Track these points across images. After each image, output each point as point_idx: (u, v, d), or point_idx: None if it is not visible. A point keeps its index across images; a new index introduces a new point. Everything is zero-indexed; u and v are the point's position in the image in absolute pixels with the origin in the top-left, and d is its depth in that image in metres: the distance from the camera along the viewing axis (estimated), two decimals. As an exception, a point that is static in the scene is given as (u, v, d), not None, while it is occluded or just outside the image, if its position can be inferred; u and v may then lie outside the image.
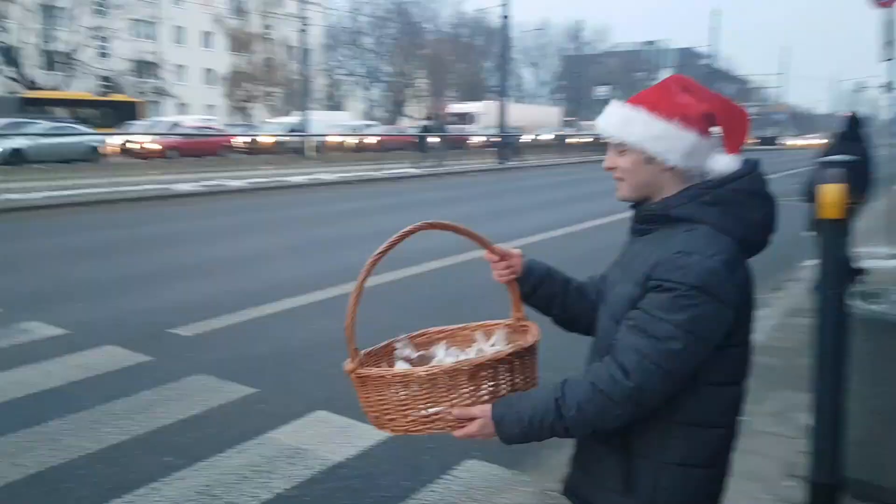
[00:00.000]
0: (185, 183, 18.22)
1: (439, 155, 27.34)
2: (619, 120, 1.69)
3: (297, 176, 21.31)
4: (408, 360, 1.84)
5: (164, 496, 3.60)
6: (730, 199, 1.61)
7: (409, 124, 59.88)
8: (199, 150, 24.90)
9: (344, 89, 67.64)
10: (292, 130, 32.32)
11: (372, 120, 56.15)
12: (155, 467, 3.88)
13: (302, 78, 33.91)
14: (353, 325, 1.69)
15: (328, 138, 32.58)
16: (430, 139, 27.40)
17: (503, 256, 1.88)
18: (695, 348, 1.53)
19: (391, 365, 1.84)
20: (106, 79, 45.53)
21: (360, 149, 32.01)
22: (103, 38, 44.12)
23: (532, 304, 1.93)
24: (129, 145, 26.64)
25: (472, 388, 1.63)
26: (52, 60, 40.60)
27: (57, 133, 23.62)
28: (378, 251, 1.68)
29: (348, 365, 1.71)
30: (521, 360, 1.70)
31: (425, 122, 27.89)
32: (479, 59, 69.30)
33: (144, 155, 24.82)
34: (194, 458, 3.98)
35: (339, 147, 32.00)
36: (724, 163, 1.64)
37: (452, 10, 72.00)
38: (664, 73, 33.41)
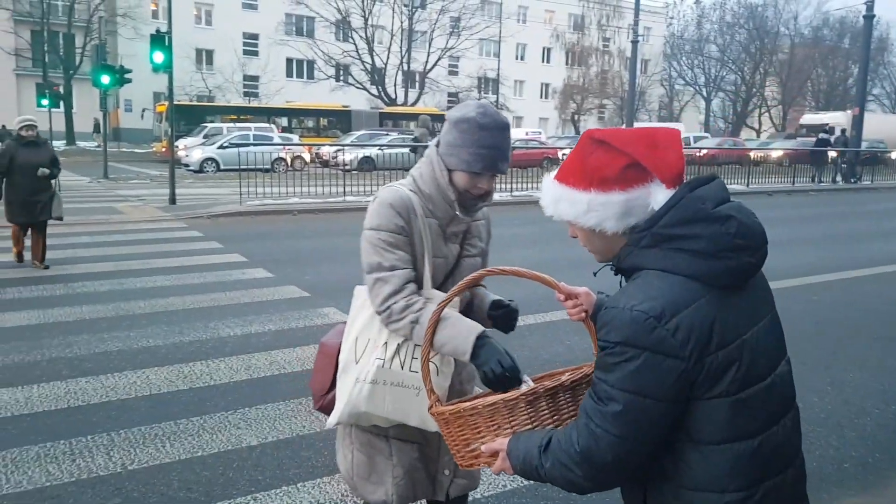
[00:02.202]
0: (499, 193, 19.23)
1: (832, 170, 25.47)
2: (550, 199, 1.60)
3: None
4: None
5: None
6: (666, 235, 1.44)
7: (745, 136, 56.05)
8: (524, 161, 26.06)
9: (683, 99, 65.58)
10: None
11: (706, 132, 53.74)
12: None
13: (634, 89, 33.65)
14: (428, 366, 1.91)
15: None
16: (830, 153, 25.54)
17: (569, 296, 1.88)
18: (639, 406, 1.40)
19: None
20: (453, 94, 49.89)
21: (689, 162, 30.75)
22: (454, 58, 48.34)
23: None
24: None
25: (493, 426, 1.69)
26: (410, 79, 45.60)
27: (401, 144, 26.49)
28: (444, 300, 1.91)
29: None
30: (554, 399, 1.68)
31: (823, 135, 26.02)
32: (845, 64, 62.12)
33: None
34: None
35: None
36: (658, 199, 1.46)
37: (813, 10, 65.67)
38: None
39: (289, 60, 49.94)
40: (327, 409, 2.35)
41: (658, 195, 1.47)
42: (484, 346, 2.01)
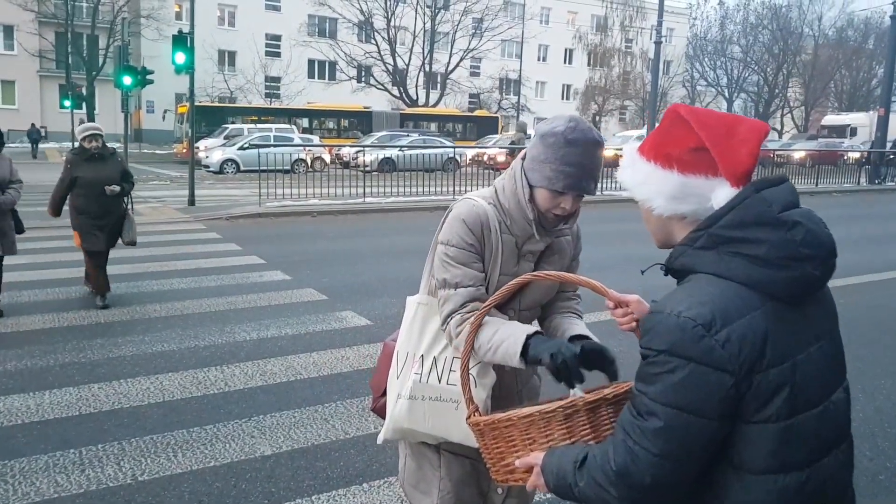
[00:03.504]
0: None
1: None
2: (623, 164, 1.52)
3: (623, 191, 21.01)
4: None
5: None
6: (725, 237, 1.31)
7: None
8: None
9: (705, 101, 64.93)
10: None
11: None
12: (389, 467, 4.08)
13: (657, 90, 33.30)
14: (467, 374, 1.80)
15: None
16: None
17: (619, 303, 1.75)
18: (682, 423, 1.26)
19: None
20: (474, 96, 49.73)
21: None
22: (475, 59, 48.17)
23: None
24: (479, 157, 28.66)
25: (528, 440, 1.59)
26: (431, 80, 45.50)
27: (421, 145, 26.42)
28: (484, 305, 1.83)
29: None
30: (594, 413, 1.55)
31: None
32: (869, 65, 61.23)
33: (494, 166, 26.54)
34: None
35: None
36: (719, 197, 1.34)
37: (838, 11, 64.66)
38: None
39: (311, 61, 50.06)
40: (380, 412, 2.31)
41: (720, 192, 1.35)
42: (536, 342, 1.89)
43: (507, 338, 1.92)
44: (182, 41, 15.35)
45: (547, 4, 58.87)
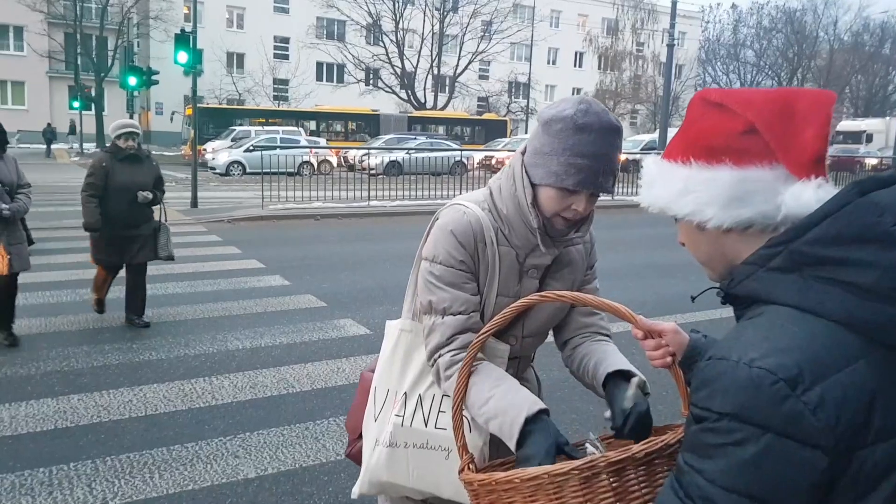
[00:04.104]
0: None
1: None
2: (647, 181, 1.16)
3: (634, 196, 20.74)
4: None
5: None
6: (814, 256, 0.94)
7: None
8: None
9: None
10: (646, 148, 31.60)
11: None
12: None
13: (669, 94, 32.95)
14: (461, 417, 1.52)
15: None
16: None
17: (650, 333, 1.38)
18: None
19: None
20: (483, 99, 49.44)
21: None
22: (484, 62, 47.92)
23: None
24: (487, 160, 28.38)
25: None
26: (439, 83, 45.25)
27: (428, 148, 26.15)
28: (485, 329, 1.51)
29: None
30: (620, 476, 1.23)
31: None
32: (886, 70, 60.70)
33: (500, 169, 26.25)
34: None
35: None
36: (795, 198, 0.98)
37: (854, 15, 64.07)
38: None
39: (319, 64, 49.86)
40: (356, 459, 1.94)
41: (793, 187, 1.00)
42: (532, 433, 1.48)
43: (500, 413, 1.53)
44: (185, 40, 15.13)
45: (557, 7, 58.54)
